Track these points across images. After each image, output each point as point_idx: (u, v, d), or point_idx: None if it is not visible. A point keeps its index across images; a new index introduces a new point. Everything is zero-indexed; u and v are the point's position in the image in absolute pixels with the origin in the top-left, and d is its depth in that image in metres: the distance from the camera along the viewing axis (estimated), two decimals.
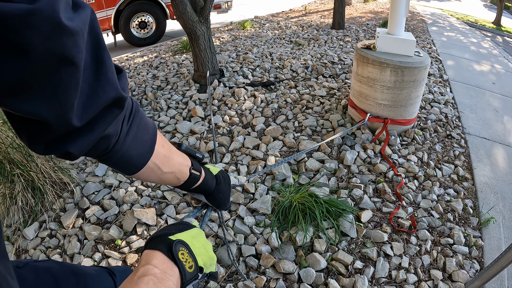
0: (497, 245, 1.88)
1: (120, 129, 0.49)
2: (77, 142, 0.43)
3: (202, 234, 0.64)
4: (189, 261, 0.54)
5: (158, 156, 0.59)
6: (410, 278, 1.61)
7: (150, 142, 0.56)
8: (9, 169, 1.96)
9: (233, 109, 3.05)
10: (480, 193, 2.24)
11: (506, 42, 9.35)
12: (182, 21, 3.15)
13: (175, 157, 0.64)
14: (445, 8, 14.22)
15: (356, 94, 2.68)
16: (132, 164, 0.55)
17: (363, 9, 9.22)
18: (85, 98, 0.39)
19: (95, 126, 0.43)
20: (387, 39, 2.53)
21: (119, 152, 0.51)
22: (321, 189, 2.05)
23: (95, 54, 0.40)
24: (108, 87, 0.42)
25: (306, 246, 1.75)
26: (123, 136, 0.50)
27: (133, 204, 2.06)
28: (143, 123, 0.54)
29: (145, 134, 0.55)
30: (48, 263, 0.74)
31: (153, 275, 0.48)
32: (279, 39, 5.47)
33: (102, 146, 0.47)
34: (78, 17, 0.35)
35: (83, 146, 0.44)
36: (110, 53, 4.37)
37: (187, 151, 0.71)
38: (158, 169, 0.60)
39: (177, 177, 0.65)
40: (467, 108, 3.43)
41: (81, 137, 0.43)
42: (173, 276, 0.50)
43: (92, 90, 0.40)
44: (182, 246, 0.54)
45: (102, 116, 0.43)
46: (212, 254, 0.61)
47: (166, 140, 0.63)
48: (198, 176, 0.70)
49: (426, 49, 5.37)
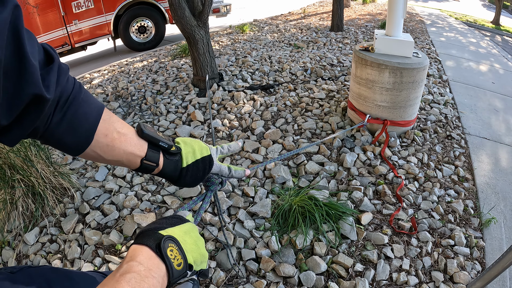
0: (498, 245, 1.87)
1: (50, 119, 0.51)
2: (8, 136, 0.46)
3: (195, 229, 0.62)
4: (178, 258, 0.52)
5: (98, 145, 0.59)
6: (411, 280, 1.61)
7: (87, 132, 0.56)
8: (10, 175, 1.96)
9: (233, 112, 3.06)
10: (481, 193, 2.23)
11: (505, 41, 9.35)
12: (181, 25, 3.16)
13: (122, 147, 0.62)
14: (443, 8, 14.25)
15: (355, 96, 2.69)
16: (69, 149, 0.57)
17: (361, 11, 9.24)
18: (9, 97, 0.40)
19: (23, 121, 0.45)
20: (385, 40, 2.54)
21: (52, 138, 0.52)
22: (321, 192, 2.05)
23: (16, 54, 0.39)
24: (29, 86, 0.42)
25: (306, 249, 1.75)
26: (53, 126, 0.51)
27: (133, 208, 2.06)
28: (81, 112, 0.55)
29: (82, 123, 0.55)
30: (43, 269, 0.74)
31: (137, 272, 0.46)
32: (278, 42, 5.48)
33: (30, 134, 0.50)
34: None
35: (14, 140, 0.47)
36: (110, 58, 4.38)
37: (149, 138, 0.66)
38: (99, 157, 0.61)
39: (125, 164, 0.65)
40: (467, 108, 3.43)
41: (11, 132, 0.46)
42: (158, 274, 0.48)
43: (16, 88, 0.40)
44: (171, 242, 0.53)
45: (28, 112, 0.45)
46: (203, 251, 0.60)
47: (118, 126, 0.62)
48: (152, 167, 0.67)
49: (425, 50, 5.37)
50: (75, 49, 6.10)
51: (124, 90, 3.76)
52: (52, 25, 5.65)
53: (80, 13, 5.76)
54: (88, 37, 6.00)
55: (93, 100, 0.58)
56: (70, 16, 5.70)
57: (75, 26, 5.80)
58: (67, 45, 5.87)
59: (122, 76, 4.36)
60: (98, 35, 6.06)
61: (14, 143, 0.48)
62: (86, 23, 5.87)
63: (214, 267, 1.68)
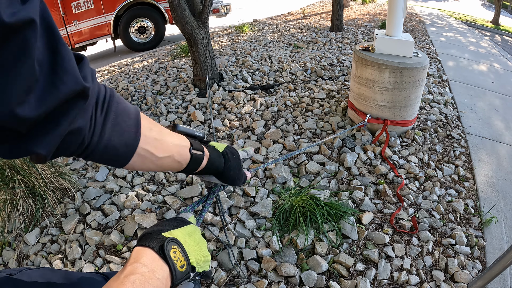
0: (499, 244, 1.87)
1: (94, 119, 0.46)
2: (43, 140, 0.40)
3: (198, 231, 0.62)
4: (181, 260, 0.52)
5: (147, 140, 0.54)
6: (412, 279, 1.61)
7: (134, 127, 0.52)
8: (10, 175, 1.96)
9: (233, 112, 3.06)
10: (481, 192, 2.23)
11: (504, 41, 9.36)
12: (181, 25, 3.16)
13: (169, 139, 0.59)
14: (443, 8, 14.26)
15: (355, 96, 2.69)
16: (120, 155, 0.51)
17: (361, 11, 9.24)
18: (41, 91, 0.37)
19: (59, 120, 0.40)
20: (385, 40, 2.54)
21: (100, 144, 0.47)
22: (321, 191, 2.05)
23: (49, 45, 0.37)
24: (66, 78, 0.39)
25: (307, 249, 1.75)
26: (99, 126, 0.47)
27: (134, 209, 2.06)
28: (121, 108, 0.50)
29: (126, 119, 0.51)
30: (42, 270, 0.74)
31: (140, 274, 0.46)
32: (278, 42, 5.48)
33: (76, 141, 0.44)
34: (24, 9, 0.33)
35: (50, 144, 0.41)
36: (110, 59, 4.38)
37: (184, 131, 0.66)
38: (151, 155, 0.56)
39: (176, 160, 0.61)
40: (467, 108, 3.43)
41: (46, 134, 0.40)
42: (162, 275, 0.48)
43: (50, 82, 0.37)
44: (174, 244, 0.53)
45: (65, 109, 0.40)
46: (206, 252, 0.60)
47: (155, 122, 0.58)
48: (201, 155, 0.65)
49: (425, 50, 5.38)
50: (75, 49, 6.09)
51: (124, 91, 3.76)
52: None
53: (79, 14, 5.76)
54: (87, 37, 6.00)
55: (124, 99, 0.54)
56: (70, 17, 5.70)
57: (74, 27, 5.79)
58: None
59: (122, 77, 4.36)
60: (97, 35, 6.06)
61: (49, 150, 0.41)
62: (86, 24, 5.87)
63: (215, 267, 1.68)
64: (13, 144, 0.39)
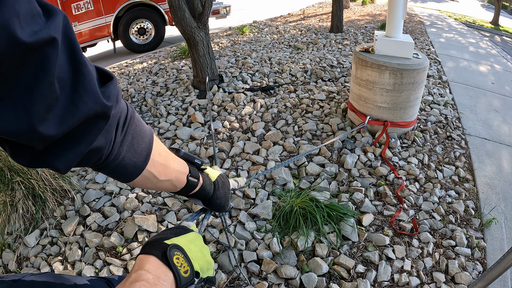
0: (499, 245, 1.87)
1: (114, 140, 0.47)
2: (63, 156, 0.41)
3: (200, 238, 0.63)
4: (185, 266, 0.53)
5: (154, 164, 0.57)
6: (412, 281, 1.61)
7: (146, 151, 0.54)
8: (10, 177, 1.96)
9: (233, 114, 3.06)
10: (482, 194, 2.23)
11: (504, 42, 9.37)
12: (181, 27, 3.16)
13: (172, 165, 0.62)
14: (442, 9, 14.28)
15: (355, 97, 2.69)
16: (127, 174, 0.54)
17: (361, 12, 9.25)
18: (62, 109, 0.37)
19: (81, 139, 0.41)
20: (385, 41, 2.54)
21: (113, 162, 0.49)
22: (322, 193, 2.05)
23: (71, 63, 0.37)
24: (87, 97, 0.39)
25: (307, 251, 1.75)
26: (116, 147, 0.48)
27: (134, 211, 2.06)
28: (139, 130, 0.52)
29: (140, 143, 0.53)
30: (45, 276, 0.74)
31: (146, 280, 0.47)
32: (278, 44, 5.49)
33: (94, 158, 0.46)
34: (46, 28, 0.33)
35: (69, 160, 0.42)
36: (110, 60, 4.37)
37: (186, 157, 0.69)
38: (154, 178, 0.58)
39: (174, 184, 0.64)
40: (467, 109, 3.43)
41: (67, 151, 0.41)
42: (166, 281, 0.49)
43: (70, 101, 0.38)
44: (177, 251, 0.54)
45: (86, 128, 0.41)
46: (209, 258, 0.61)
47: (164, 146, 0.61)
48: (196, 183, 0.69)
49: (425, 51, 5.38)
50: None
51: (124, 92, 3.76)
52: None
53: (79, 15, 5.77)
54: (87, 39, 6.01)
55: (141, 119, 0.56)
56: (70, 18, 5.68)
57: (74, 28, 5.79)
58: None
59: (122, 78, 4.36)
60: (97, 36, 6.07)
61: (67, 166, 0.42)
62: (86, 25, 5.87)
63: (215, 269, 1.68)
64: (35, 156, 0.40)
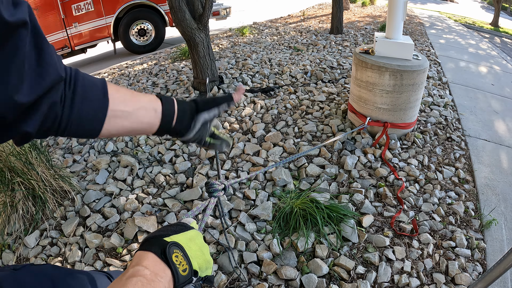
0: (499, 246, 1.87)
1: (64, 95, 0.51)
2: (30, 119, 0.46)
3: (200, 236, 0.62)
4: (183, 264, 0.53)
5: (116, 102, 0.57)
6: (412, 282, 1.61)
7: (101, 93, 0.56)
8: (10, 177, 1.96)
9: (233, 115, 3.06)
10: (482, 195, 2.23)
11: (504, 43, 9.38)
12: (181, 28, 3.17)
13: (138, 94, 0.62)
14: (442, 10, 14.30)
15: (355, 98, 2.69)
16: (93, 120, 0.55)
17: (361, 13, 9.26)
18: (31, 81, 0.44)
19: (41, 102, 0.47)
20: (385, 43, 2.54)
21: (72, 115, 0.52)
22: (322, 194, 2.05)
23: (35, 43, 0.44)
24: (51, 69, 0.46)
25: (307, 252, 1.75)
26: (69, 101, 0.52)
27: (134, 211, 2.06)
28: (88, 81, 0.55)
29: (94, 89, 0.55)
30: (45, 267, 0.74)
31: (143, 276, 0.46)
32: (278, 45, 5.49)
33: (51, 116, 0.50)
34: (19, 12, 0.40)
35: (36, 122, 0.47)
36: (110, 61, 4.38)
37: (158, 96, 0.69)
38: (123, 112, 0.58)
39: (149, 114, 0.62)
40: (467, 110, 3.43)
41: (32, 115, 0.46)
42: (164, 278, 0.49)
43: (37, 73, 0.44)
44: (176, 249, 0.53)
45: (47, 93, 0.47)
46: (208, 257, 0.60)
47: (122, 87, 0.62)
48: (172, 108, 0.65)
49: (425, 52, 5.39)
50: (75, 51, 6.11)
51: None
52: (52, 28, 5.66)
53: (80, 16, 5.78)
54: (88, 39, 6.02)
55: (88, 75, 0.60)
56: (70, 19, 5.72)
57: (75, 29, 5.81)
58: (67, 47, 5.88)
59: (123, 79, 4.36)
60: (98, 37, 6.08)
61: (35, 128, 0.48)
62: (86, 26, 5.88)
63: (216, 270, 1.68)
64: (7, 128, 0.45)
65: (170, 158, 2.53)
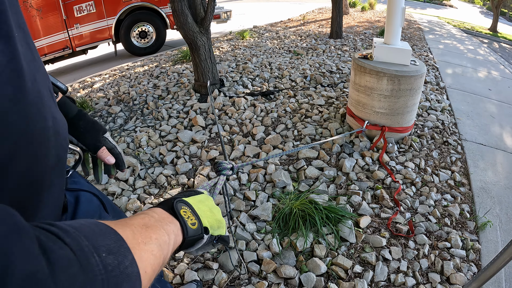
0: (494, 248, 1.92)
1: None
2: None
3: (210, 200, 0.62)
4: (192, 218, 0.52)
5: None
6: (408, 281, 1.65)
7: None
8: None
9: (233, 118, 3.11)
10: (477, 197, 2.28)
11: (502, 48, 9.47)
12: (183, 31, 3.21)
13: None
14: (441, 15, 14.40)
15: (354, 102, 2.74)
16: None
17: (360, 18, 9.34)
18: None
19: None
20: (383, 48, 2.60)
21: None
22: (320, 196, 2.10)
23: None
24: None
25: (306, 252, 1.79)
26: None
27: (136, 211, 2.09)
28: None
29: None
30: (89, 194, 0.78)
31: (151, 216, 0.46)
32: (278, 49, 5.55)
33: None
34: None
35: None
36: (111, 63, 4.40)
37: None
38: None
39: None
40: (464, 115, 3.49)
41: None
42: (173, 223, 0.48)
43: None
44: (184, 205, 0.53)
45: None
46: (220, 217, 0.59)
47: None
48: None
49: (423, 57, 5.45)
50: (76, 52, 6.15)
51: (125, 95, 3.81)
52: (54, 29, 5.70)
53: (81, 17, 5.82)
54: (89, 41, 6.06)
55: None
56: (72, 20, 5.76)
57: (76, 30, 5.85)
58: (68, 48, 5.93)
59: (123, 81, 4.40)
60: (99, 39, 6.12)
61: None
62: (88, 27, 5.93)
63: (216, 268, 1.72)
64: None
65: (172, 159, 2.57)
